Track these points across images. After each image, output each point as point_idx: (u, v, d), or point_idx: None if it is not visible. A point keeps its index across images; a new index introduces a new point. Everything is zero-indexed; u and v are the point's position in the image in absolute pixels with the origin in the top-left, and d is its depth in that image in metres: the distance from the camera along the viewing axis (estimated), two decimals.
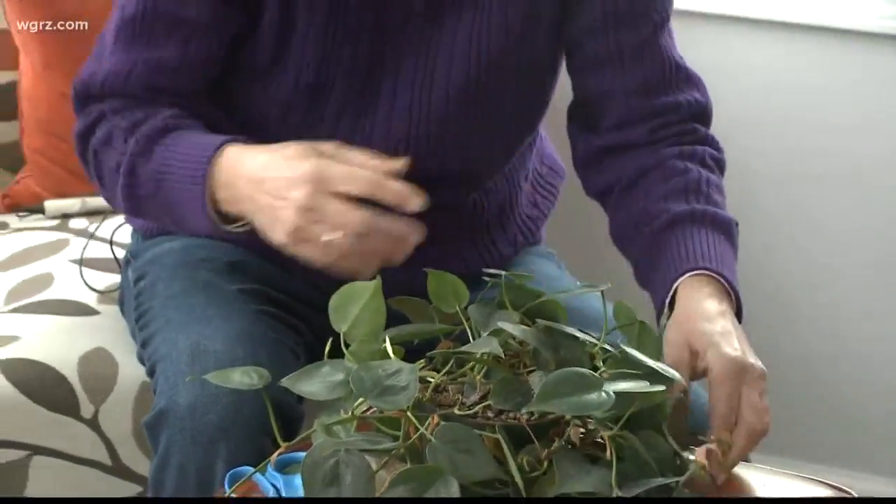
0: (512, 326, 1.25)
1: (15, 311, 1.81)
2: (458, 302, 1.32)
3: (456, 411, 1.19)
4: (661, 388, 1.21)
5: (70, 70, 2.02)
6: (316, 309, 1.53)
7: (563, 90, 1.62)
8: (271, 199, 1.36)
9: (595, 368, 1.24)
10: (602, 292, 1.32)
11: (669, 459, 1.23)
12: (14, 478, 1.71)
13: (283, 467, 1.26)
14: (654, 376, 1.21)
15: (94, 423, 1.70)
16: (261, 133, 1.52)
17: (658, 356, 1.28)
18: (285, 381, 1.21)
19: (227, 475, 1.28)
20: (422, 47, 1.53)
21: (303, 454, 1.20)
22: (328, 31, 1.51)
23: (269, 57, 1.53)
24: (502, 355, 1.22)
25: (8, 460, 1.70)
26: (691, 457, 1.28)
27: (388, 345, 1.24)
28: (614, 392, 1.15)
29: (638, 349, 1.25)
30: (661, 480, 1.19)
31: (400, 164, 1.35)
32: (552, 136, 1.79)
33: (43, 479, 1.72)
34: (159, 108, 1.49)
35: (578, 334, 1.28)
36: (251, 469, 1.26)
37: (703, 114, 1.59)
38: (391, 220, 1.34)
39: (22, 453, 1.71)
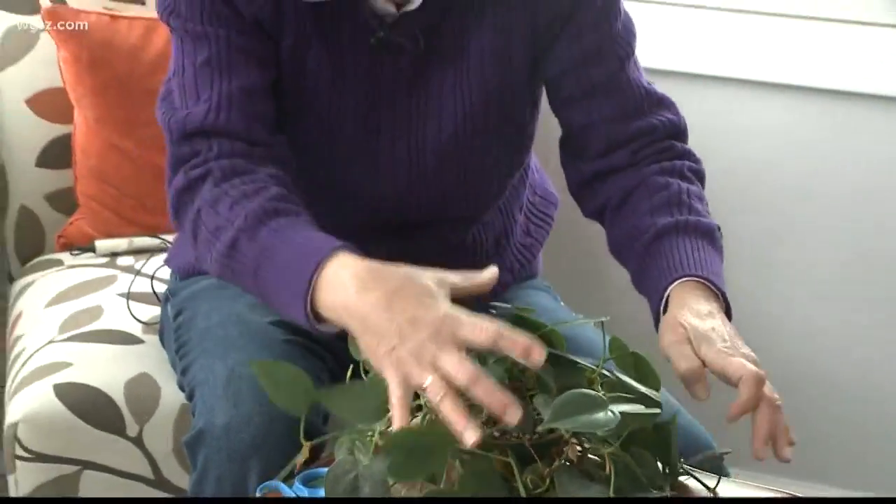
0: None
1: (68, 339, 1.81)
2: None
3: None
4: (656, 410, 1.22)
5: (118, 123, 2.05)
6: (337, 338, 1.54)
7: (552, 124, 1.62)
8: (392, 329, 1.20)
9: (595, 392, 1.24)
10: (602, 323, 1.31)
11: (658, 476, 1.24)
12: (66, 490, 1.72)
13: (309, 481, 1.26)
14: (645, 400, 1.23)
15: (138, 441, 1.71)
16: (304, 170, 1.52)
17: (657, 383, 1.27)
18: (324, 398, 1.21)
19: (258, 488, 1.29)
20: (412, 103, 1.54)
21: (325, 469, 1.21)
22: (330, 101, 1.52)
23: (287, 104, 1.53)
24: (507, 381, 1.22)
25: (61, 474, 1.71)
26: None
27: None
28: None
29: (637, 378, 1.26)
30: (652, 495, 1.20)
31: (489, 275, 1.26)
32: (547, 166, 1.79)
33: (92, 491, 1.72)
34: (268, 181, 1.42)
35: (578, 361, 1.28)
36: (280, 483, 1.27)
37: (677, 131, 1.60)
38: (495, 387, 1.15)
39: (74, 468, 1.71)
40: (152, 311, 1.83)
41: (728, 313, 1.43)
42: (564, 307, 1.73)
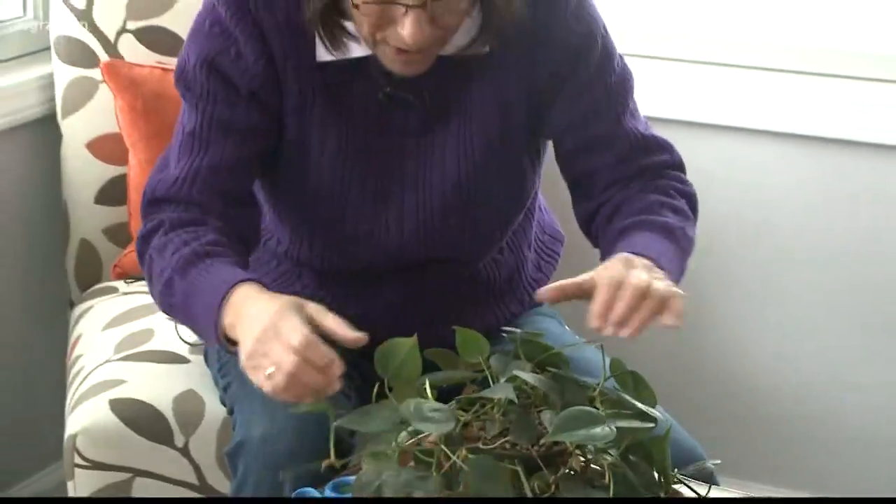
0: (526, 374, 1.25)
1: (122, 359, 1.82)
2: (481, 353, 1.31)
3: (481, 445, 1.20)
4: (651, 425, 1.23)
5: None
6: (365, 357, 1.55)
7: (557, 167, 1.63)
8: (250, 336, 1.33)
9: (594, 409, 1.24)
10: (602, 345, 1.33)
11: (653, 484, 1.25)
12: (120, 495, 1.72)
13: (338, 488, 1.28)
14: (642, 416, 1.23)
15: (185, 451, 1.72)
16: (300, 218, 1.55)
17: (653, 400, 1.28)
18: (343, 422, 1.22)
19: (293, 493, 1.31)
20: (419, 156, 1.54)
21: (353, 478, 1.22)
22: (340, 155, 1.52)
23: (293, 170, 1.54)
24: (516, 400, 1.22)
25: (115, 481, 1.72)
26: None
27: (427, 387, 1.25)
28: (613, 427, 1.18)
29: (634, 395, 1.27)
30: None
31: (357, 336, 1.33)
32: (554, 205, 1.79)
33: (143, 495, 1.73)
34: (208, 228, 1.48)
35: (581, 380, 1.29)
36: (313, 489, 1.29)
37: (672, 166, 1.60)
38: (319, 353, 1.30)
39: (126, 475, 1.72)
40: None
41: None
42: (570, 331, 1.73)
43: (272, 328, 1.31)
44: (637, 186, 1.56)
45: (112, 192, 2.13)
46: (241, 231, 1.54)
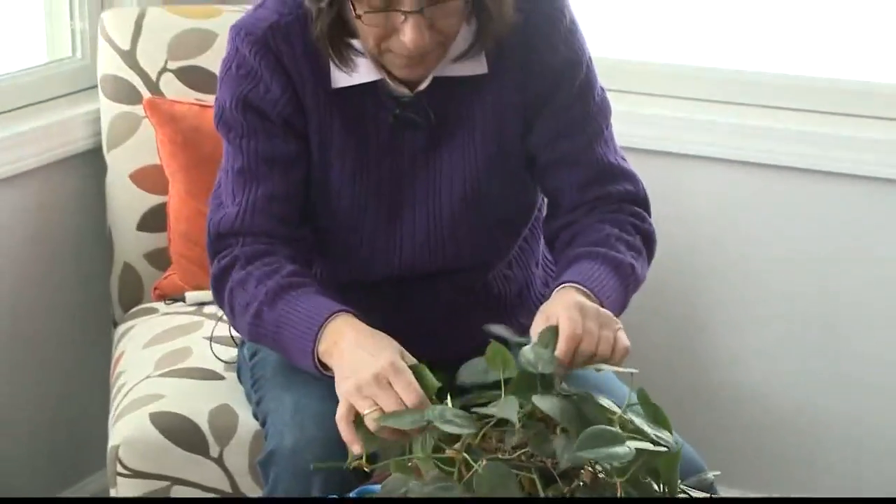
0: (542, 402, 1.23)
1: (162, 375, 1.82)
2: (505, 367, 1.29)
3: (500, 456, 1.20)
4: (664, 449, 1.22)
5: (205, 195, 2.04)
6: None
7: None
8: (362, 371, 1.33)
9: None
10: (632, 373, 1.34)
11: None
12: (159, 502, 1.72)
13: (363, 495, 1.27)
14: (655, 441, 1.23)
15: (219, 461, 1.71)
16: (323, 234, 1.56)
17: (668, 427, 1.27)
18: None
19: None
20: (428, 171, 1.54)
21: (377, 486, 1.22)
22: (357, 173, 1.53)
23: (318, 190, 1.55)
24: (517, 422, 1.20)
25: (154, 489, 1.71)
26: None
27: (448, 401, 1.26)
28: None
29: (652, 420, 1.26)
30: None
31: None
32: None
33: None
34: (281, 258, 1.50)
35: (602, 402, 1.27)
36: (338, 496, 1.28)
37: (633, 199, 1.59)
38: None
39: (164, 483, 1.71)
40: (231, 352, 1.83)
41: None
42: None
43: (388, 375, 1.31)
44: (597, 216, 1.56)
45: (153, 220, 2.13)
46: (305, 253, 1.56)
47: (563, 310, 1.35)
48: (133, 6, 2.22)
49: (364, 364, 1.33)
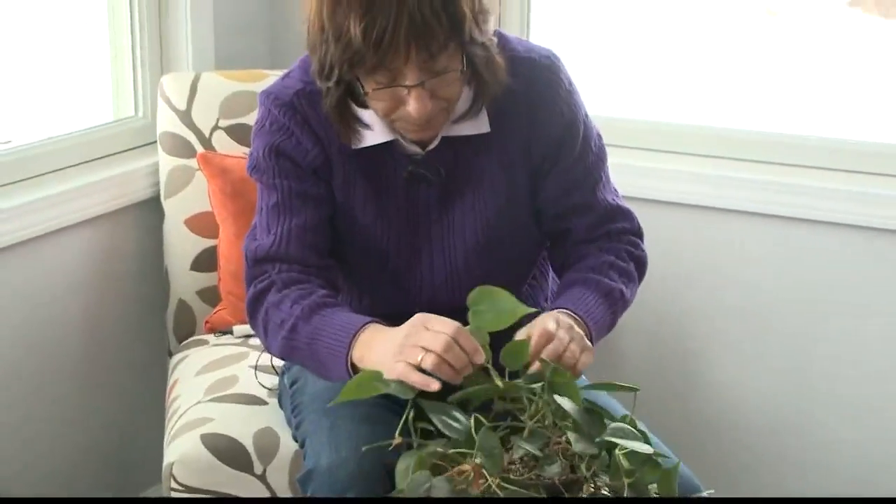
0: (565, 403, 1.25)
1: (211, 400, 1.82)
2: (521, 360, 1.30)
3: (511, 476, 1.20)
4: (670, 457, 1.24)
5: None
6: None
7: None
8: (395, 342, 1.33)
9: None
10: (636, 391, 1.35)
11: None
12: None
13: None
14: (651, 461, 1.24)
15: (262, 478, 1.71)
16: (351, 276, 1.56)
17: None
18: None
19: None
20: (442, 222, 1.55)
21: None
22: (378, 221, 1.54)
23: (344, 232, 1.55)
24: (539, 454, 1.21)
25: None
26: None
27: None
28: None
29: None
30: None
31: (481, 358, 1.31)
32: None
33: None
34: (314, 285, 1.49)
35: (611, 413, 1.28)
36: None
37: (631, 233, 1.60)
38: (468, 339, 1.31)
39: (213, 498, 1.71)
40: (273, 380, 1.83)
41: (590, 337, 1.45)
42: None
43: (420, 325, 1.32)
44: (598, 246, 1.58)
45: (205, 261, 2.14)
46: (333, 281, 1.56)
47: (542, 318, 1.38)
48: (189, 71, 2.24)
49: (399, 332, 1.34)
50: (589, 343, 1.41)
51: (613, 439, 1.21)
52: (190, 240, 2.14)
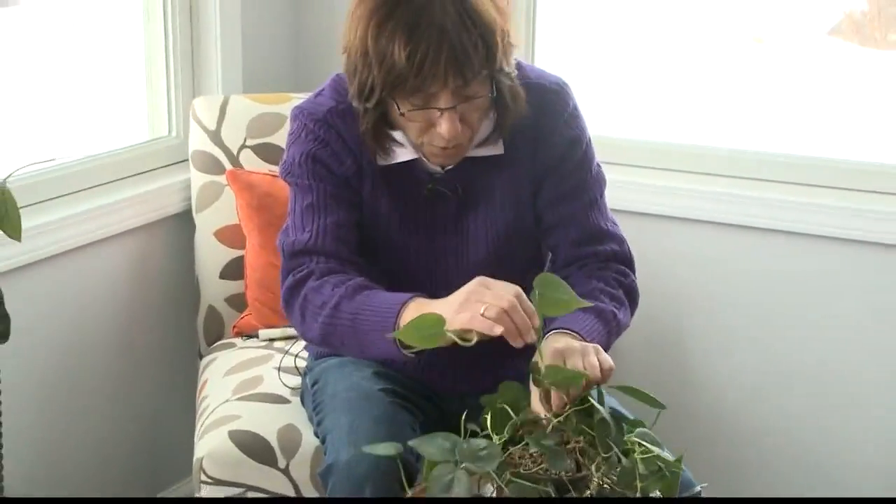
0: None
1: (238, 399, 1.81)
2: (516, 410, 1.26)
3: (521, 471, 1.19)
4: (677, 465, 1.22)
5: (275, 249, 2.04)
6: (426, 399, 1.53)
7: None
8: (457, 299, 1.31)
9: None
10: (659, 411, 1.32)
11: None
12: None
13: None
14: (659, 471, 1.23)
15: (286, 472, 1.70)
16: (378, 280, 1.53)
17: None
18: (413, 443, 1.20)
19: None
20: (457, 233, 1.55)
21: None
22: (400, 232, 1.54)
23: (369, 238, 1.54)
24: (569, 470, 1.19)
25: (233, 494, 1.70)
26: None
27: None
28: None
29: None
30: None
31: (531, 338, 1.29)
32: None
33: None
34: (352, 273, 1.47)
35: (630, 417, 1.27)
36: None
37: (619, 258, 1.57)
38: (528, 303, 1.28)
39: (240, 490, 1.70)
40: (296, 380, 1.82)
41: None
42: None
43: (483, 286, 1.30)
44: (587, 272, 1.54)
45: (233, 270, 2.13)
46: (366, 275, 1.52)
47: (554, 347, 1.33)
48: (218, 94, 2.24)
49: (458, 293, 1.31)
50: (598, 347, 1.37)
51: (643, 442, 1.18)
52: (219, 250, 2.13)
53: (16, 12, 2.06)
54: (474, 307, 1.27)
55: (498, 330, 1.25)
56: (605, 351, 1.45)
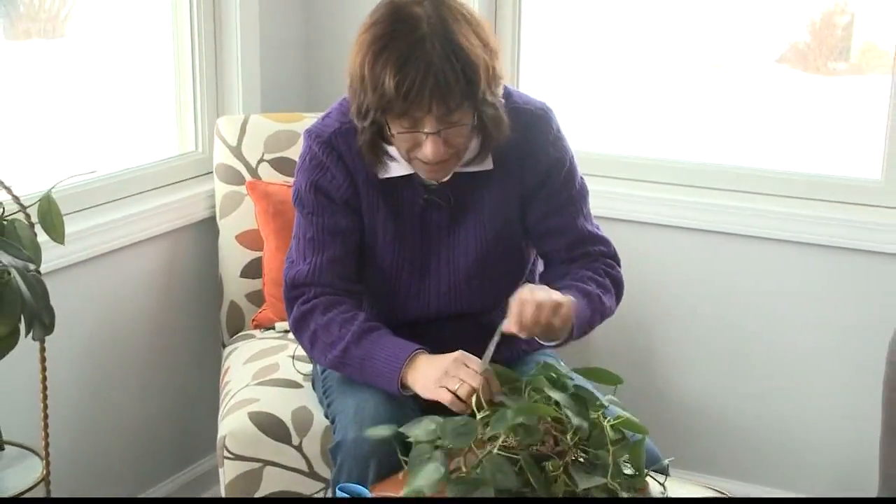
0: (556, 395, 1.24)
1: (257, 384, 1.80)
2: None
3: (496, 451, 1.18)
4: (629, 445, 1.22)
5: None
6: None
7: None
8: (439, 369, 1.38)
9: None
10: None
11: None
12: (254, 479, 1.70)
13: (344, 490, 1.30)
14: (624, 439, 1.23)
15: (299, 448, 1.69)
16: (373, 285, 1.54)
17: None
18: (403, 428, 1.23)
19: (337, 488, 1.30)
20: (449, 241, 1.54)
21: (358, 486, 1.23)
22: (396, 241, 1.53)
23: (368, 252, 1.54)
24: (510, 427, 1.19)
25: (251, 469, 1.69)
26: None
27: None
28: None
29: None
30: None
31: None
32: None
33: (270, 480, 1.70)
34: (351, 307, 1.49)
35: (596, 395, 1.27)
36: (353, 484, 1.30)
37: (605, 254, 1.57)
38: (496, 383, 1.35)
39: (259, 465, 1.69)
40: (308, 367, 1.81)
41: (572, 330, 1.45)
42: (564, 364, 1.70)
43: (460, 362, 1.36)
44: (578, 265, 1.55)
45: (252, 269, 2.12)
46: (359, 300, 1.55)
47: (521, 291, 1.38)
48: (239, 114, 2.23)
49: (443, 360, 1.38)
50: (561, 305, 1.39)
51: (615, 408, 1.19)
52: (240, 251, 2.12)
53: (63, 43, 2.05)
54: (451, 382, 1.34)
55: (468, 412, 1.30)
56: (589, 331, 1.48)
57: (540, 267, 1.70)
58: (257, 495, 1.70)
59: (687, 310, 2.21)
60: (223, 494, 1.71)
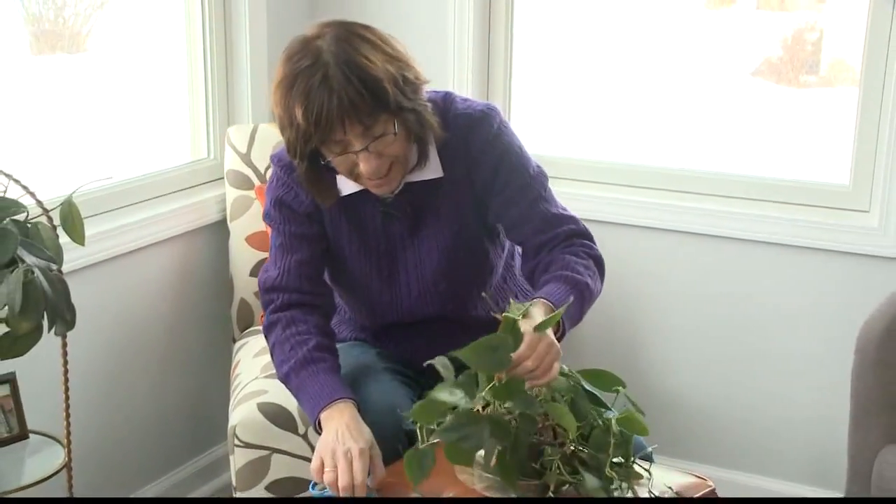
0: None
1: (266, 377, 1.79)
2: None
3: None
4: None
5: None
6: (424, 376, 1.50)
7: None
8: (330, 444, 1.34)
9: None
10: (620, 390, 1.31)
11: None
12: (262, 465, 1.69)
13: (315, 488, 1.32)
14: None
15: (304, 437, 1.68)
16: (349, 296, 1.53)
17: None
18: (408, 414, 1.19)
19: (311, 485, 1.32)
20: (412, 249, 1.51)
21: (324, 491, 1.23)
22: (361, 252, 1.51)
23: (335, 263, 1.53)
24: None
25: (259, 456, 1.68)
26: None
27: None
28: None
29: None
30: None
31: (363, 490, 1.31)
32: None
33: (277, 466, 1.69)
34: (311, 327, 1.47)
35: (598, 397, 1.26)
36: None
37: (579, 233, 1.51)
38: (363, 487, 1.31)
39: (266, 452, 1.68)
40: None
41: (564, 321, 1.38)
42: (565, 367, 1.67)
43: (348, 454, 1.31)
44: (558, 251, 1.49)
45: (261, 269, 2.09)
46: (325, 306, 1.53)
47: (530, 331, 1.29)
48: (249, 123, 2.21)
49: (344, 440, 1.33)
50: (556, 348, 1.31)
51: (628, 404, 1.19)
52: (249, 252, 2.11)
53: (85, 57, 2.05)
54: (329, 463, 1.31)
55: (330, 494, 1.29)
56: (580, 317, 1.43)
57: (518, 261, 1.66)
58: (265, 481, 1.68)
59: (668, 308, 2.20)
60: (234, 480, 1.70)
